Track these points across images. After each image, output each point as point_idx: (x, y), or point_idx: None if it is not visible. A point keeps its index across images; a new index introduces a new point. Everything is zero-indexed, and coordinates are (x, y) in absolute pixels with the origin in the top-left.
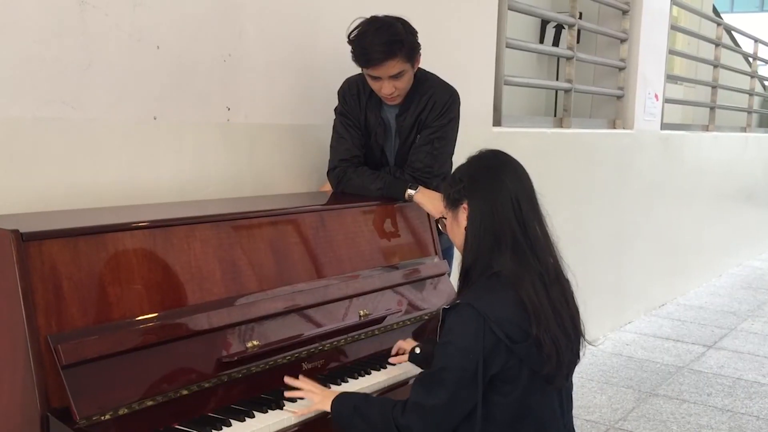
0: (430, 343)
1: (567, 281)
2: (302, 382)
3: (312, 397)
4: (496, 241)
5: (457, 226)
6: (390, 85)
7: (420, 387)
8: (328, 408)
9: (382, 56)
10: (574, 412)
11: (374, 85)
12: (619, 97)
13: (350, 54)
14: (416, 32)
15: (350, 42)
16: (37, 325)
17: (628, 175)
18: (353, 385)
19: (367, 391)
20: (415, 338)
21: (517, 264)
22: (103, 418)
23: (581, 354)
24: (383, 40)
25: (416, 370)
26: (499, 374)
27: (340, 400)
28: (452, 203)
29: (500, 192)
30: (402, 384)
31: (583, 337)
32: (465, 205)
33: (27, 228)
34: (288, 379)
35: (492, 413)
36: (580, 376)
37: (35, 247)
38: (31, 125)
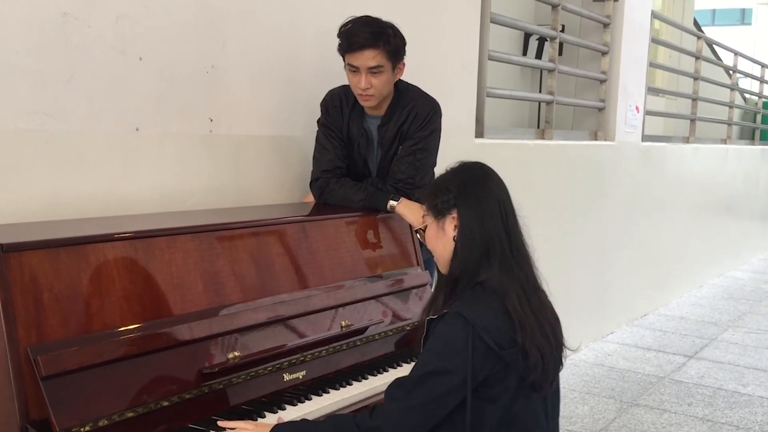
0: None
1: (543, 291)
2: (236, 423)
3: None
4: (486, 252)
5: (443, 236)
6: (366, 80)
7: (398, 389)
8: None
9: (365, 41)
10: None
11: (352, 79)
12: (600, 109)
13: (336, 46)
14: (405, 41)
15: (339, 34)
16: (17, 337)
17: (610, 186)
18: (334, 396)
19: (348, 402)
20: (397, 348)
21: (504, 275)
22: (83, 429)
23: (564, 360)
24: (370, 29)
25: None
26: (484, 380)
27: (279, 430)
28: (439, 213)
29: (490, 202)
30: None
31: (564, 345)
32: (454, 215)
33: (7, 239)
34: (222, 423)
35: (478, 420)
36: (562, 386)
37: (15, 258)
38: (13, 136)
